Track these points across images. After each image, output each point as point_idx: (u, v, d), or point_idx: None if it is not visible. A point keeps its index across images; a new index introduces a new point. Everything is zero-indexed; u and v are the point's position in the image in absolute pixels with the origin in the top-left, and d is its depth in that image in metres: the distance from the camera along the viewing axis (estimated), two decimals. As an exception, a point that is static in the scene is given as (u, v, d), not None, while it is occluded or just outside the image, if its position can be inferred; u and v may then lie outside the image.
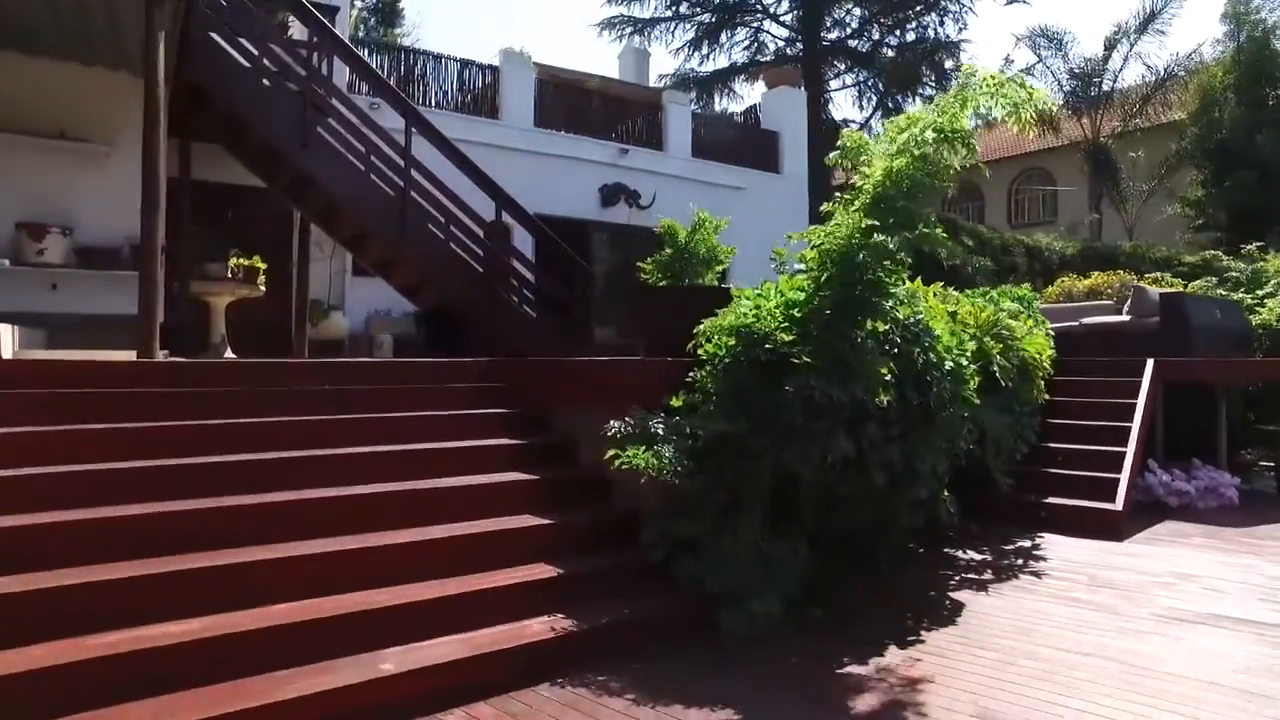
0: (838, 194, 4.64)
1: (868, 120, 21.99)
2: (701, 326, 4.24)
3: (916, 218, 4.14)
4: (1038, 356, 6.16)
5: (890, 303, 4.24)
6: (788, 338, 3.94)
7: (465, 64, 12.03)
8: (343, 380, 4.91)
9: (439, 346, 8.05)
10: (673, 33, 21.97)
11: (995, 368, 5.55)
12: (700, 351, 4.26)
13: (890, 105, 21.82)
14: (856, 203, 4.24)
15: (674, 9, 21.53)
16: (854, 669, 3.39)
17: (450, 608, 3.33)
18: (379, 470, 4.07)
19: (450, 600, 3.35)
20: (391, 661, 2.97)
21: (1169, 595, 4.31)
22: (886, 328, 4.26)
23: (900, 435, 4.43)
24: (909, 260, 4.00)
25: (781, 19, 22.14)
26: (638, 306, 5.38)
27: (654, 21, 21.63)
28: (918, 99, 21.24)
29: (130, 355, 4.64)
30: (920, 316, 4.70)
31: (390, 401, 4.75)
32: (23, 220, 7.00)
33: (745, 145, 14.92)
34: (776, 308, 4.18)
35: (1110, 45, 19.70)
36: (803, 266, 4.68)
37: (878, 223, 3.98)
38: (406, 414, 4.65)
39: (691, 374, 4.22)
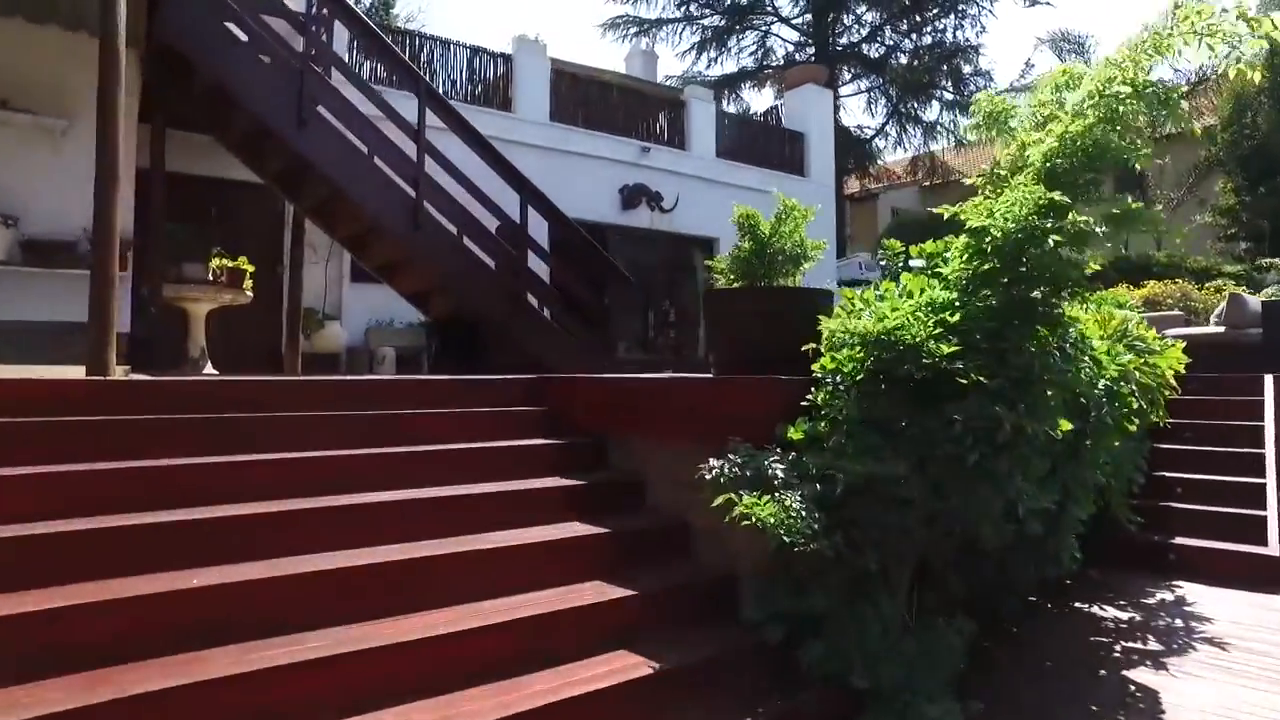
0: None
1: (882, 127, 21.28)
2: (824, 334, 3.29)
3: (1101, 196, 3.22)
4: (1167, 373, 5.26)
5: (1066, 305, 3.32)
6: (947, 349, 2.99)
7: (476, 51, 11.08)
8: (351, 403, 3.89)
9: (452, 360, 7.07)
10: (679, 35, 21.28)
11: (1134, 386, 4.66)
12: (815, 367, 3.32)
13: (904, 111, 21.16)
14: (1021, 176, 3.31)
15: (683, 9, 20.78)
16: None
17: (522, 734, 2.34)
18: (409, 525, 3.06)
19: (522, 723, 2.35)
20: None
21: None
22: (1045, 334, 3.36)
23: (1052, 471, 3.56)
24: (1109, 248, 3.06)
25: (792, 22, 21.45)
26: (714, 313, 4.40)
27: (660, 23, 20.89)
28: (934, 104, 20.61)
29: (79, 372, 3.61)
30: (1077, 324, 3.81)
31: (415, 431, 3.74)
32: (-48, 206, 5.95)
33: (770, 146, 14.05)
34: (919, 310, 3.22)
35: (1135, 49, 19.01)
36: (921, 263, 3.79)
37: (1063, 200, 3.05)
38: (436, 447, 3.64)
39: (808, 396, 3.28)
